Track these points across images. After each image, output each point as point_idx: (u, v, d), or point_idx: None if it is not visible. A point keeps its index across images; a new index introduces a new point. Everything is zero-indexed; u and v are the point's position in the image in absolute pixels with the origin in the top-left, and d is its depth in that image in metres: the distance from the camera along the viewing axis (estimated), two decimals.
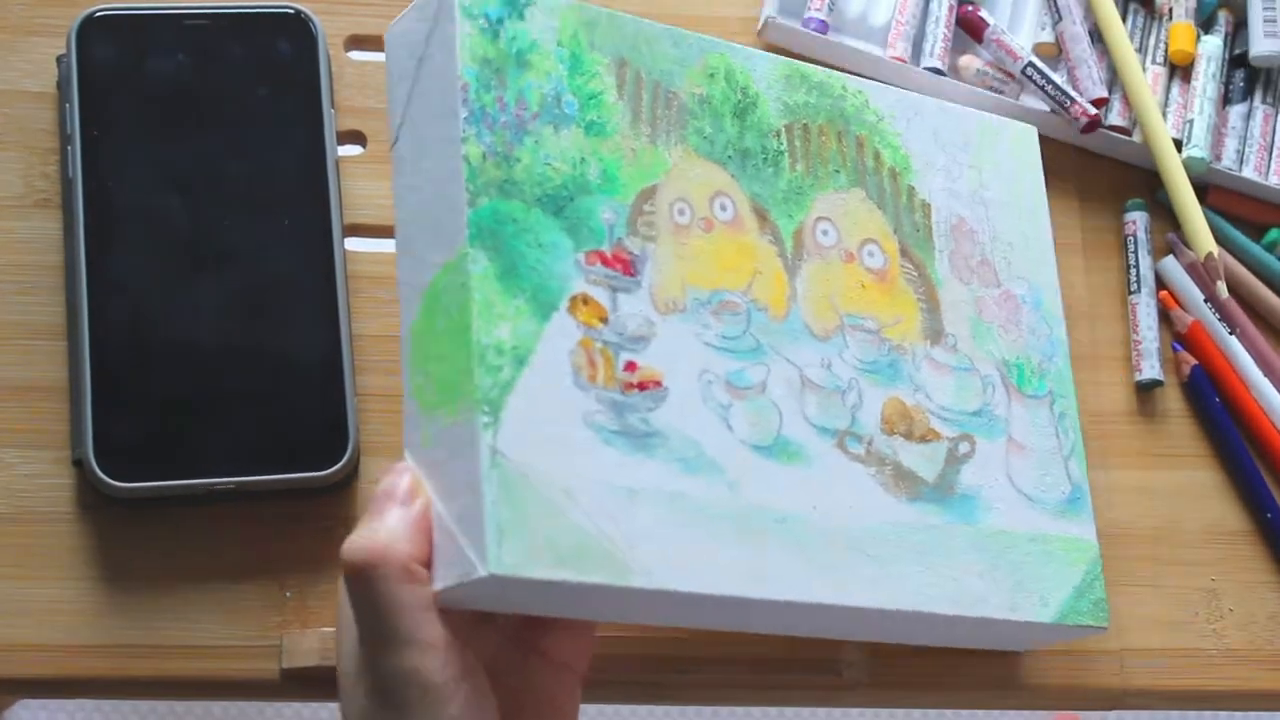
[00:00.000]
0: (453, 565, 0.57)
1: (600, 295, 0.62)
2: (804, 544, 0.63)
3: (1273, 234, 0.81)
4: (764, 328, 0.65)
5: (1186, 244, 0.80)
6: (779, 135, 0.68)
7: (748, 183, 0.67)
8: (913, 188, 0.71)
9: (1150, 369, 0.78)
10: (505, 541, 0.56)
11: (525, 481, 0.58)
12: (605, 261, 0.62)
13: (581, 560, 0.58)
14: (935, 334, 0.70)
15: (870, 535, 0.64)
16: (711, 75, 0.67)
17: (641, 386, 0.61)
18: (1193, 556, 0.76)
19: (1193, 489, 0.77)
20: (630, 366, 0.61)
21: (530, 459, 0.58)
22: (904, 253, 0.70)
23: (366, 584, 0.58)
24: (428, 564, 0.58)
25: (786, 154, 0.68)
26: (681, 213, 0.65)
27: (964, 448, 0.68)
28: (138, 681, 0.69)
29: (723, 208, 0.66)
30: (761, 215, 0.67)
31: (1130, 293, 0.79)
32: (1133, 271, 0.80)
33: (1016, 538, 0.68)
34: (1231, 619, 0.75)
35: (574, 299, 0.61)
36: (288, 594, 0.70)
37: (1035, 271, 0.74)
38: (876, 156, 0.71)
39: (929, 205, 0.72)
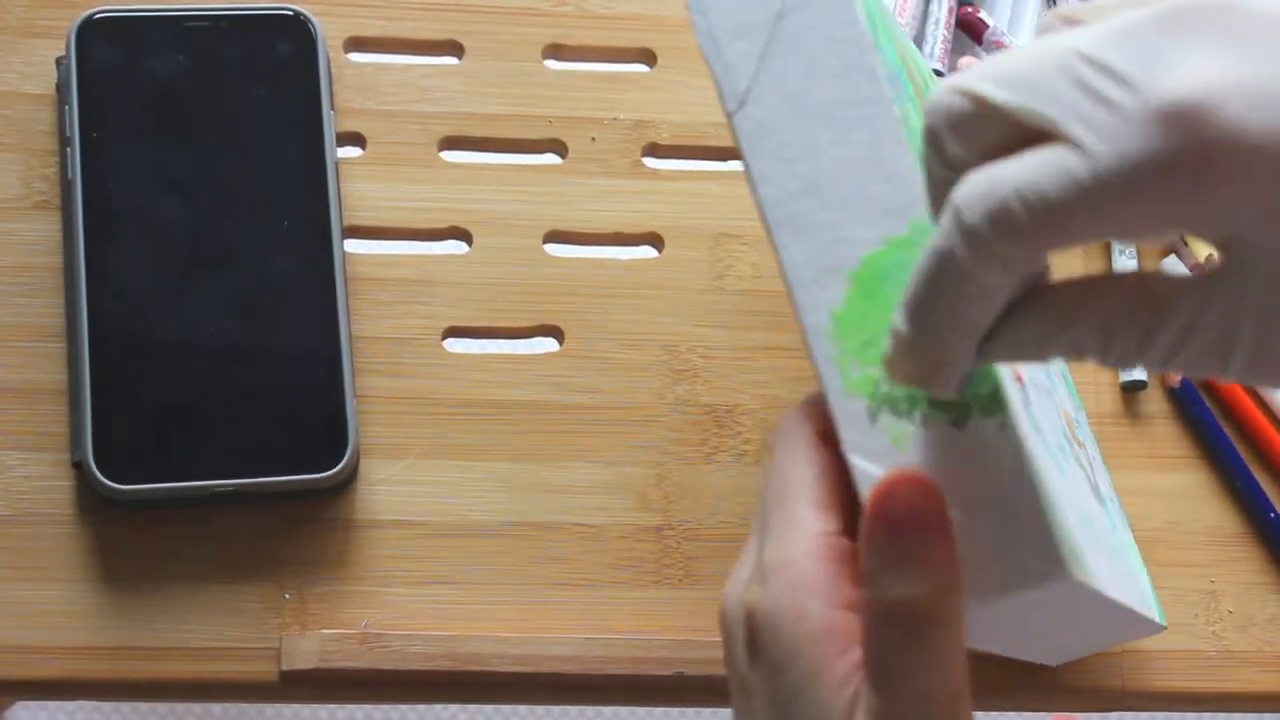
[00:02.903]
0: (1000, 575, 0.49)
1: None
2: (1104, 546, 0.58)
3: None
4: None
5: (1188, 243, 0.80)
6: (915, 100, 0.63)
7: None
8: None
9: (1129, 371, 0.78)
10: (1063, 545, 0.49)
11: (1045, 478, 0.50)
12: None
13: (1086, 566, 0.50)
14: None
15: (1108, 538, 0.61)
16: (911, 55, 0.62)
17: (1019, 380, 0.54)
18: (1192, 558, 0.76)
19: (1190, 491, 0.77)
20: None
21: (1037, 454, 0.51)
22: None
23: (934, 632, 0.48)
24: None
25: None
26: None
27: (1089, 455, 0.66)
28: (137, 683, 0.69)
29: None
30: None
31: None
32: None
33: (1126, 542, 0.67)
34: (1231, 620, 0.75)
35: None
36: (287, 596, 0.70)
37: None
38: None
39: None
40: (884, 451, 0.50)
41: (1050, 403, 0.60)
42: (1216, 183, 0.41)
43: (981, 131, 0.45)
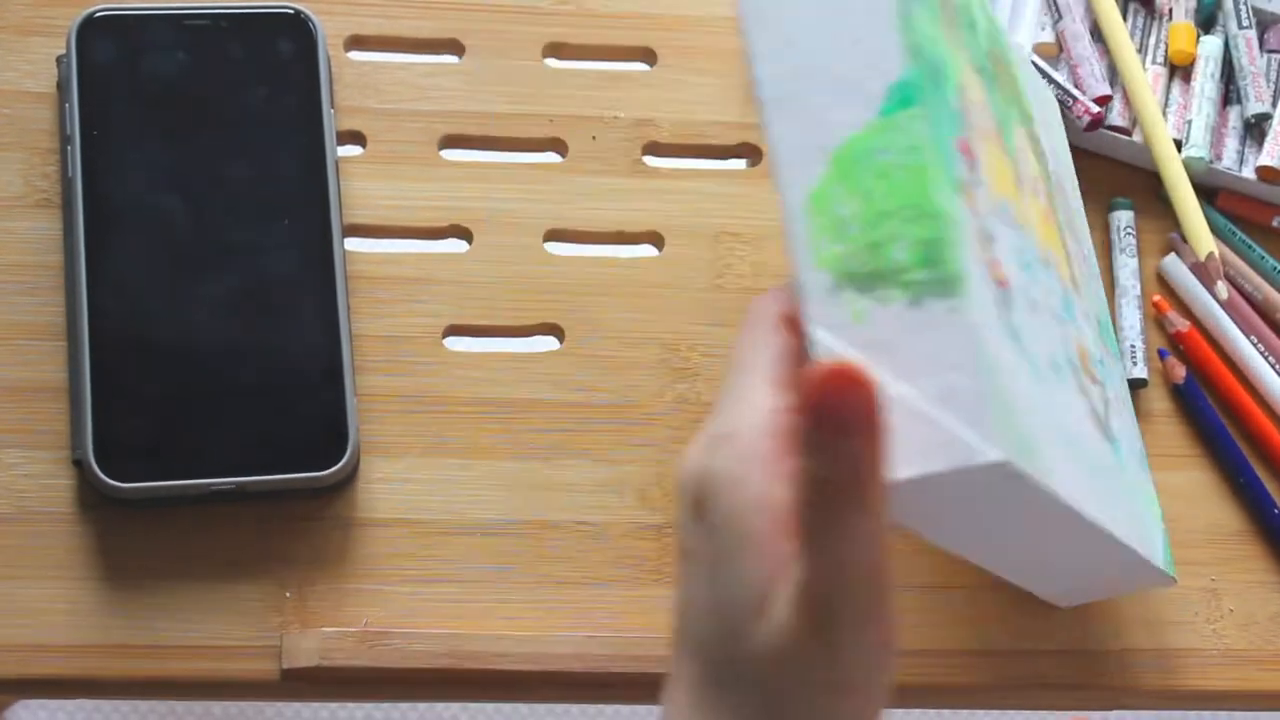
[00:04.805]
0: (935, 451, 0.50)
1: (969, 185, 0.56)
2: (1088, 466, 0.59)
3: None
4: (1027, 245, 0.61)
5: (1188, 241, 0.80)
6: (989, 58, 0.65)
7: (990, 99, 0.63)
8: (1036, 135, 0.69)
9: (1130, 369, 0.78)
10: (1002, 427, 0.50)
11: (998, 366, 0.52)
12: (964, 150, 0.57)
13: (1034, 460, 0.52)
14: (1075, 282, 0.68)
15: (1104, 466, 0.62)
16: None
17: (1003, 284, 0.56)
18: (1193, 556, 0.76)
19: (1191, 489, 0.77)
20: (994, 263, 0.56)
21: (994, 344, 0.52)
22: (1050, 196, 0.68)
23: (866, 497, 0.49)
24: None
25: (995, 79, 0.65)
26: (976, 115, 0.60)
27: (1105, 394, 0.67)
28: (138, 681, 0.69)
29: (987, 118, 0.62)
30: (1000, 133, 0.63)
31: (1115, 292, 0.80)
32: (1112, 271, 0.80)
33: (1138, 485, 0.68)
34: (1231, 619, 0.75)
35: (961, 182, 0.55)
36: (288, 594, 0.70)
37: (1085, 238, 0.74)
38: (1020, 99, 0.68)
39: (1045, 155, 0.70)
40: (844, 324, 0.52)
41: (1052, 326, 0.61)
42: None
43: None
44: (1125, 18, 0.83)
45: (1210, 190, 0.82)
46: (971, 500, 0.53)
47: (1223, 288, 0.78)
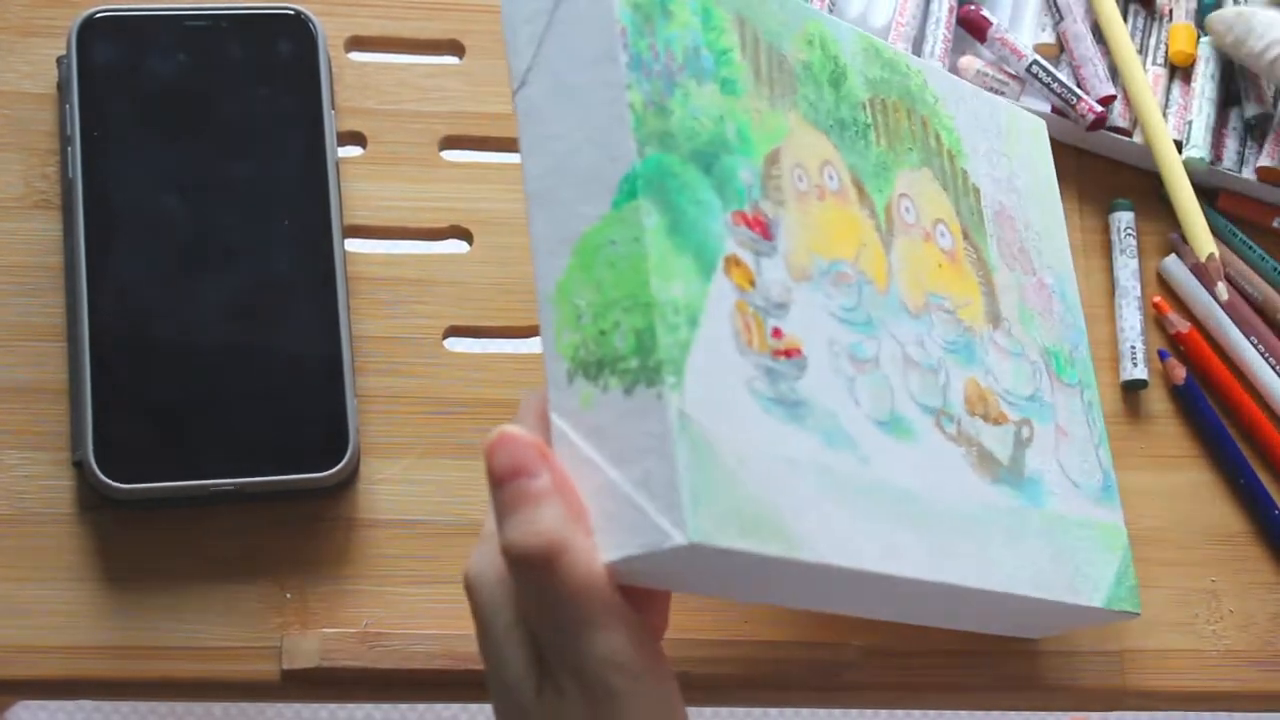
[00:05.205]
0: (634, 534, 0.53)
1: (747, 258, 0.58)
2: (923, 523, 0.61)
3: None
4: (872, 301, 0.63)
5: (1188, 241, 0.80)
6: (865, 108, 0.66)
7: (846, 154, 0.64)
8: (966, 171, 0.70)
9: (1130, 370, 0.78)
10: (700, 508, 0.52)
11: (710, 448, 0.54)
12: (748, 223, 0.58)
13: (760, 531, 0.54)
14: (995, 318, 0.68)
15: (969, 516, 0.63)
16: (810, 42, 0.65)
17: (788, 354, 0.58)
18: (1192, 557, 0.76)
19: (1190, 490, 0.77)
20: (776, 333, 0.58)
21: (711, 423, 0.54)
22: (965, 235, 0.68)
23: (551, 574, 0.53)
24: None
25: (873, 128, 0.66)
26: (800, 179, 0.62)
27: (1026, 432, 0.67)
28: (138, 682, 0.69)
29: (830, 177, 0.63)
30: (859, 188, 0.64)
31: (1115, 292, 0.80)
32: (1113, 272, 0.80)
33: (1070, 522, 0.67)
34: (1231, 620, 0.75)
35: (727, 260, 0.57)
36: (288, 595, 0.70)
37: (1058, 262, 0.73)
38: (938, 138, 0.69)
39: (979, 190, 0.70)
40: (575, 411, 0.55)
41: (904, 377, 0.62)
42: None
43: None
44: (1125, 18, 0.83)
45: (1210, 191, 0.82)
46: (713, 571, 0.55)
47: (1223, 289, 0.78)
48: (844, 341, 0.60)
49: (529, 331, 0.75)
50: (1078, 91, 0.80)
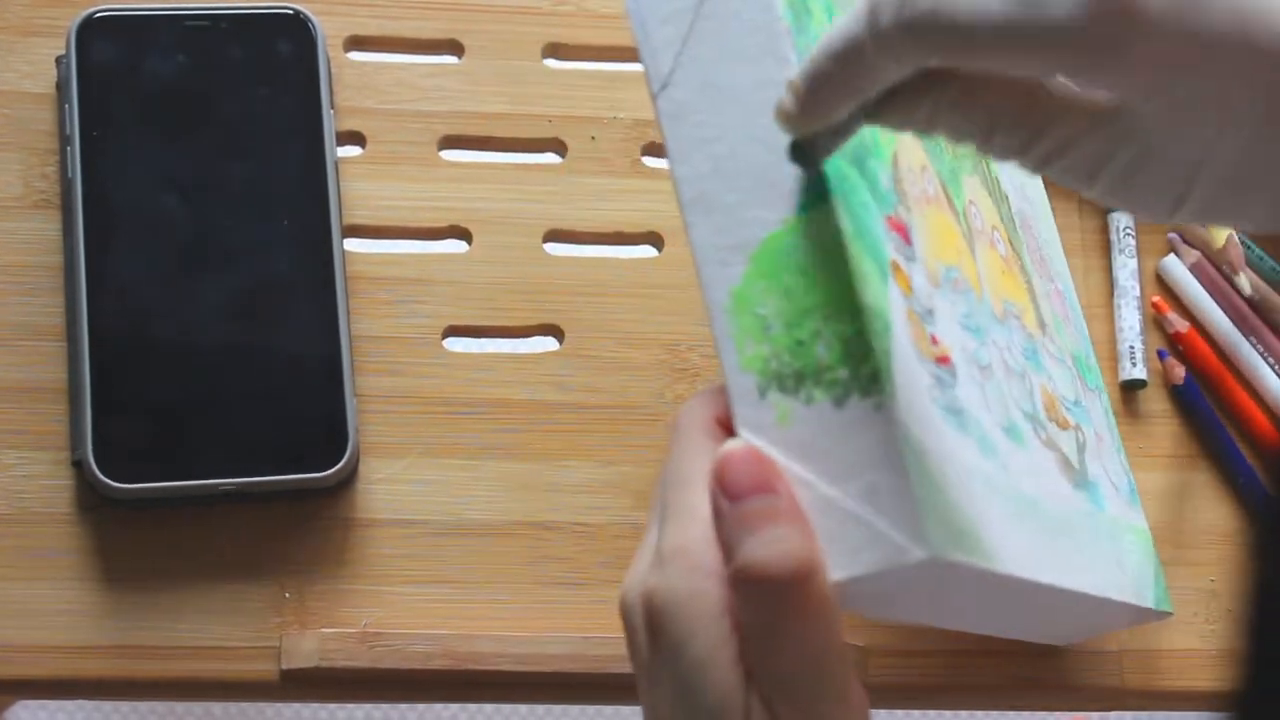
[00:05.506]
0: (862, 551, 0.50)
1: (903, 263, 0.55)
2: (1048, 530, 0.59)
3: None
4: (977, 308, 0.61)
5: (1188, 241, 0.80)
6: None
7: (932, 159, 0.62)
8: (998, 179, 0.69)
9: (1129, 370, 0.78)
10: (930, 521, 0.50)
11: (923, 458, 0.51)
12: (897, 228, 0.56)
13: (968, 543, 0.51)
14: (1042, 325, 0.67)
15: (1070, 522, 0.61)
16: None
17: (944, 361, 0.55)
18: (1192, 557, 0.76)
19: (1190, 489, 0.77)
20: (934, 340, 0.55)
21: (920, 433, 0.51)
22: (1009, 242, 0.68)
23: (804, 596, 0.49)
24: None
25: None
26: (913, 183, 0.59)
27: (1081, 437, 0.66)
28: (137, 682, 0.69)
29: (929, 182, 0.61)
30: (947, 193, 0.63)
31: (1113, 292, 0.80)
32: (1112, 272, 0.80)
33: (1121, 526, 0.67)
34: (1231, 619, 0.75)
35: (893, 264, 0.54)
36: (287, 595, 0.70)
37: (1063, 270, 0.73)
38: None
39: (1008, 198, 0.69)
40: (770, 426, 0.52)
41: (1010, 385, 0.61)
42: (1119, 51, 0.46)
43: None
44: None
45: None
46: (922, 588, 0.53)
47: (1245, 281, 0.78)
48: (969, 348, 0.58)
49: (528, 331, 0.75)
50: None
